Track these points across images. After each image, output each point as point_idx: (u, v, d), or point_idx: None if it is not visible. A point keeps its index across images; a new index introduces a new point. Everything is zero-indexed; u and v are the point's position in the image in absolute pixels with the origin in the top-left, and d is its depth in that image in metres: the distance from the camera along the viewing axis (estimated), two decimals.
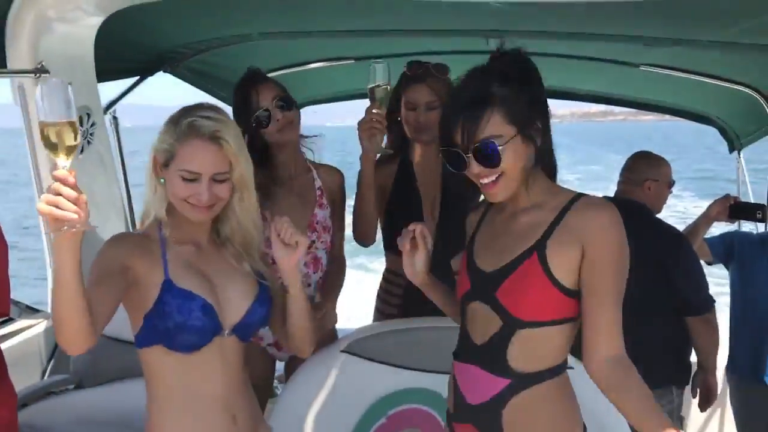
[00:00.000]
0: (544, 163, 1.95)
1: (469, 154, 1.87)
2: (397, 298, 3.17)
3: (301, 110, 2.90)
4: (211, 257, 2.07)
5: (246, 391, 2.10)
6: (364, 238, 3.02)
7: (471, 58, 3.78)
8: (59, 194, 1.52)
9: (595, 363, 1.84)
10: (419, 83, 2.91)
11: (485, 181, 1.89)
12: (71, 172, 1.56)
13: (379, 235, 3.16)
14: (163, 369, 1.99)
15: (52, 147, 1.56)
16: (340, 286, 3.01)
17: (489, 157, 1.85)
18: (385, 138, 3.06)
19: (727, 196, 3.80)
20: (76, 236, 1.58)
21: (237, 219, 2.04)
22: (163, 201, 1.98)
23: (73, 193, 1.54)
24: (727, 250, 3.84)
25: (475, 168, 1.88)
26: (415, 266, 2.12)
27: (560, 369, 1.96)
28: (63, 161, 1.57)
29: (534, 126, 1.87)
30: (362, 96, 2.68)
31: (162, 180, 1.96)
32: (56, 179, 1.54)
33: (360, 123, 2.70)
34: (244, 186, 1.99)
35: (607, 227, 1.83)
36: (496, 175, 1.87)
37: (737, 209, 3.76)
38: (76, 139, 1.57)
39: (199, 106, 1.96)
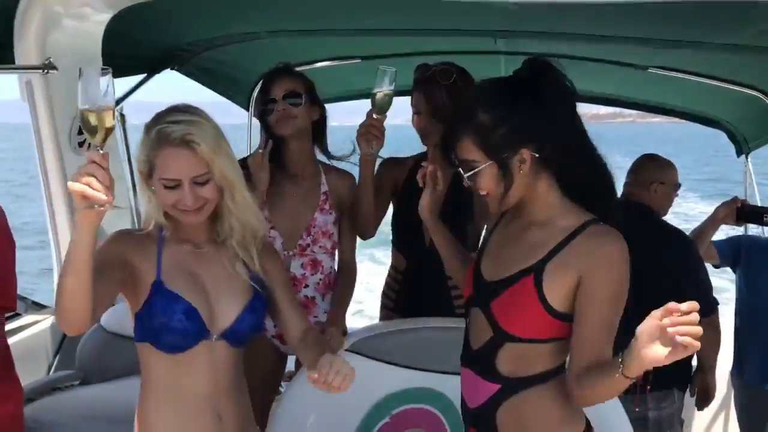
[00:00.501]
0: (566, 183, 1.93)
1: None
2: (395, 294, 3.22)
3: None
4: (208, 260, 2.07)
5: (237, 393, 2.09)
6: (361, 233, 3.04)
7: (480, 57, 3.81)
8: (93, 176, 1.60)
9: (574, 384, 1.85)
10: (421, 89, 2.93)
11: (480, 192, 1.92)
12: (105, 155, 1.64)
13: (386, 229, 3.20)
14: (152, 364, 2.03)
15: (91, 131, 1.64)
16: (349, 300, 3.01)
17: (465, 177, 1.89)
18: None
19: (734, 199, 3.79)
20: (99, 216, 1.65)
21: (235, 216, 2.03)
22: (159, 208, 2.00)
23: (107, 176, 1.62)
24: (734, 253, 3.83)
25: (465, 180, 1.90)
26: (421, 202, 2.20)
27: (553, 373, 1.95)
28: (100, 144, 1.66)
29: (516, 156, 1.84)
30: (369, 96, 2.66)
31: (153, 188, 1.97)
32: (93, 161, 1.62)
33: (359, 126, 2.71)
34: (230, 182, 1.97)
35: (611, 263, 1.81)
36: (483, 192, 1.89)
37: (744, 213, 3.75)
38: (113, 119, 1.66)
39: (170, 111, 1.95)
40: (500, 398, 1.95)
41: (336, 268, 3.04)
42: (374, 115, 2.64)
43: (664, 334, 1.51)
